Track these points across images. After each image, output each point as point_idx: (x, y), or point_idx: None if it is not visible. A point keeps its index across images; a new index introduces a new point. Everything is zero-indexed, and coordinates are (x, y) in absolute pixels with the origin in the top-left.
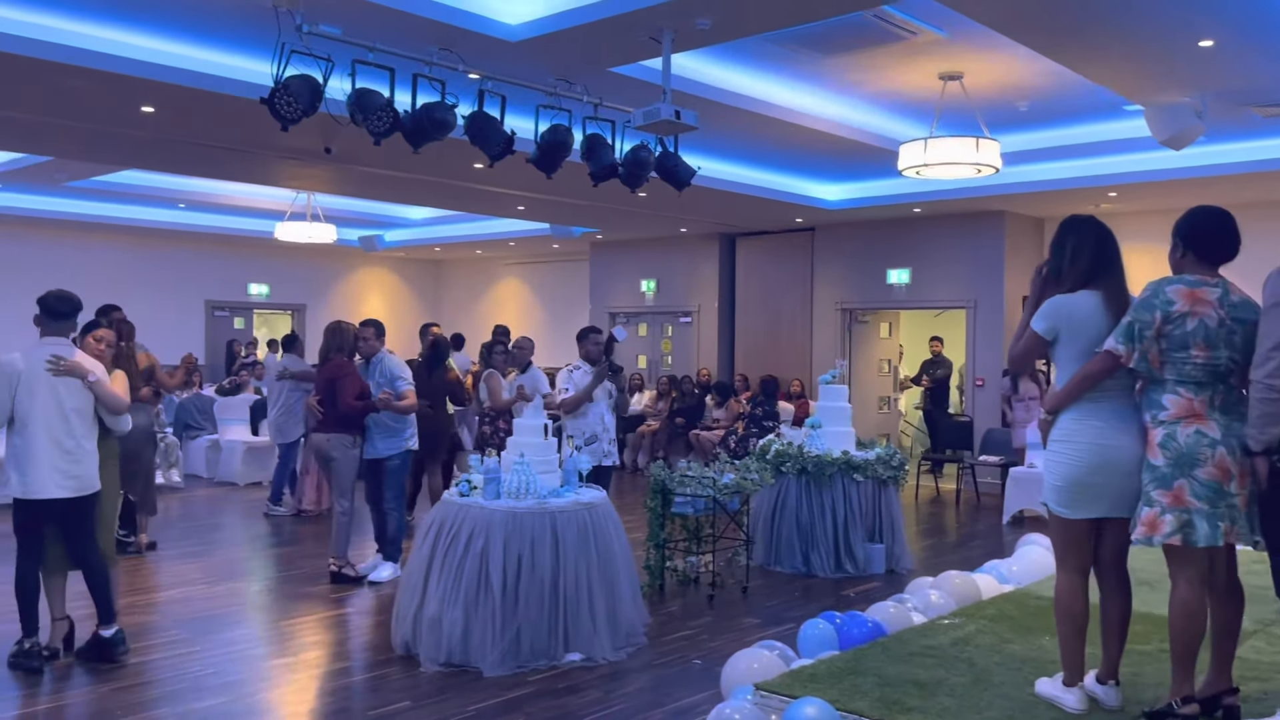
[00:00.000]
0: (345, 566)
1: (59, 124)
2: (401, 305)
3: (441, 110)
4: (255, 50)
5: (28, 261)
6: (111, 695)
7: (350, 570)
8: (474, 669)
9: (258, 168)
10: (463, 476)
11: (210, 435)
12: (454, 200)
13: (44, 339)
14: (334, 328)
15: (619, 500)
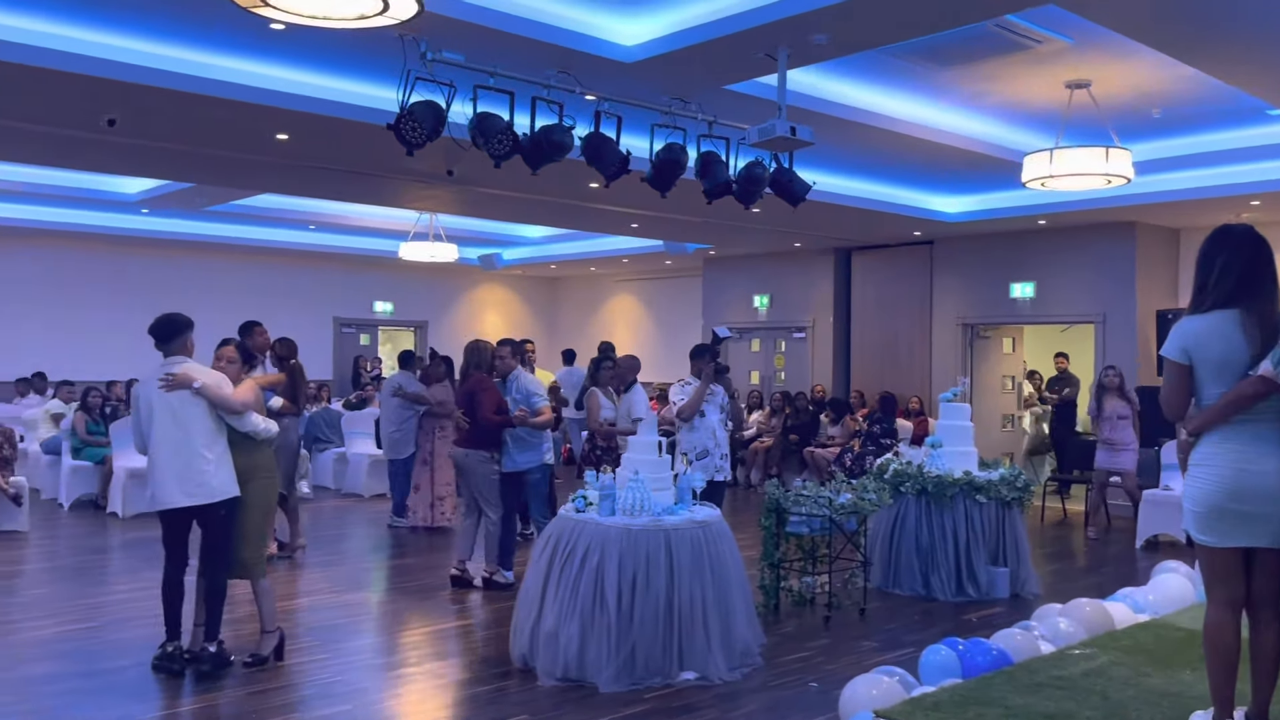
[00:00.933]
0: (495, 574)
1: (201, 152)
2: (518, 322)
3: (559, 132)
4: (382, 78)
5: (172, 281)
6: (245, 699)
7: (500, 578)
8: (590, 684)
9: (383, 190)
10: (578, 492)
11: (337, 448)
12: (570, 219)
13: (163, 361)
14: (473, 346)
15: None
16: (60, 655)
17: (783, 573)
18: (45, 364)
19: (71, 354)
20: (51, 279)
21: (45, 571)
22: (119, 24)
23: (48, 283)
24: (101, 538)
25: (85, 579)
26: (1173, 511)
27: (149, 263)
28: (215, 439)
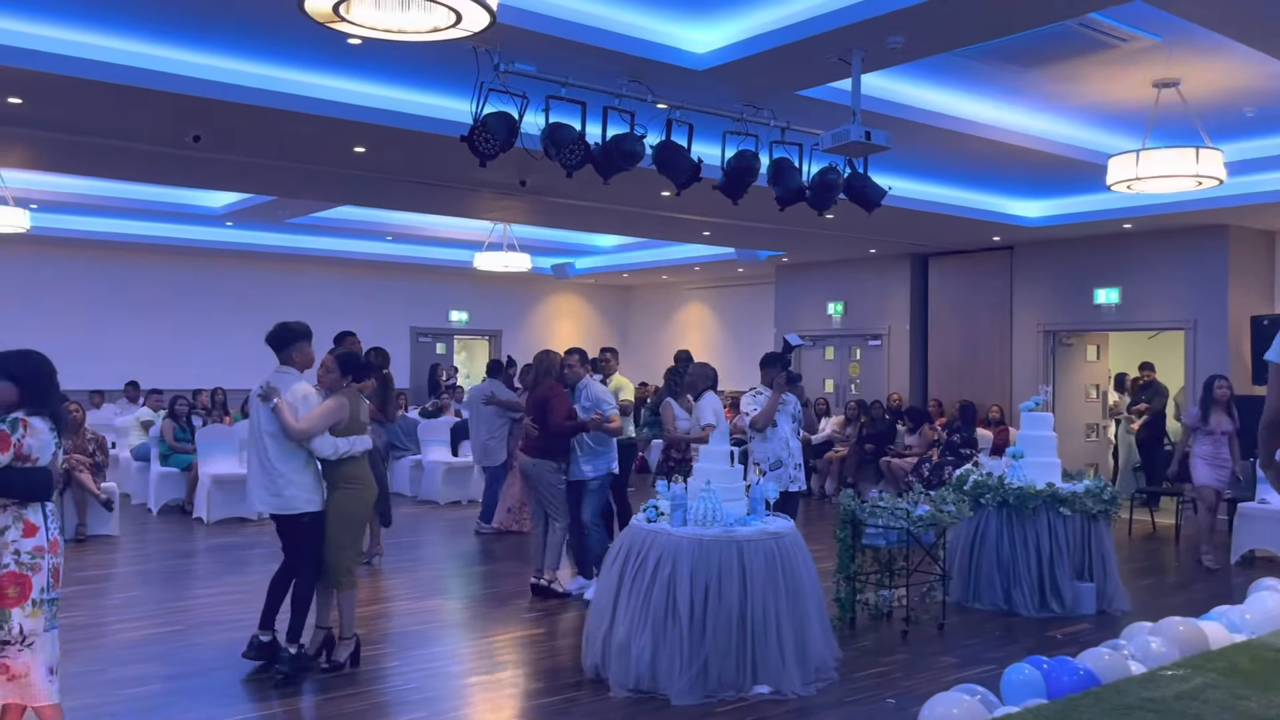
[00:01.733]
0: (554, 582)
1: (281, 166)
2: (591, 330)
3: (630, 141)
4: (456, 90)
5: (254, 292)
6: (323, 705)
7: (558, 586)
8: (661, 696)
9: (458, 201)
10: (649, 502)
11: (414, 456)
12: (641, 227)
13: (275, 368)
14: (542, 355)
15: (806, 528)
16: (147, 658)
17: (858, 585)
18: (137, 373)
19: (160, 363)
20: (142, 290)
21: (135, 575)
22: (204, 43)
23: (139, 294)
24: (188, 542)
25: (172, 583)
26: (1270, 526)
27: (233, 274)
28: (292, 453)
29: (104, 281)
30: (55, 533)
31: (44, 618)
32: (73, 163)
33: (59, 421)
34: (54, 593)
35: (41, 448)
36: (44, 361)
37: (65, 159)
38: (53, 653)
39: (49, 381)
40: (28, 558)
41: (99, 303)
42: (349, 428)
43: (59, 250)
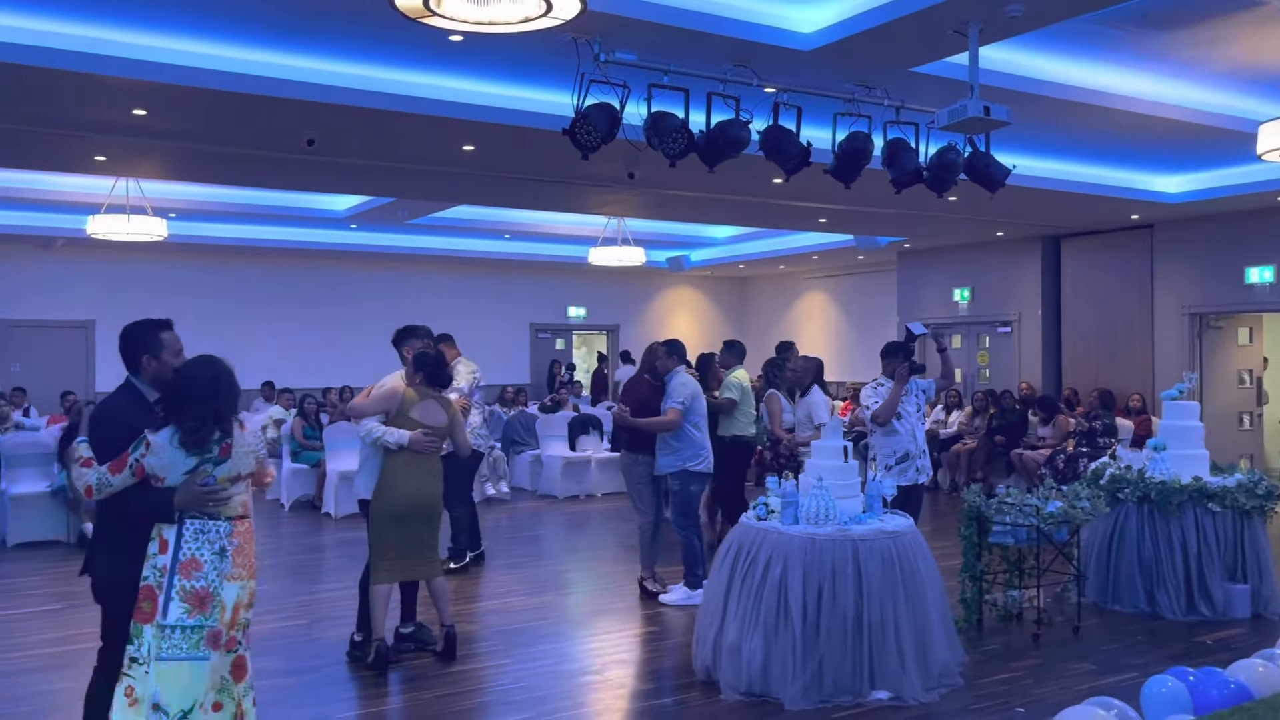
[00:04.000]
0: (648, 580)
1: (395, 167)
2: (708, 323)
3: (735, 127)
4: (558, 83)
5: (378, 292)
6: (433, 703)
7: (652, 585)
8: (775, 700)
9: (569, 197)
10: (760, 499)
11: (533, 450)
12: (755, 217)
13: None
14: (648, 349)
15: (932, 524)
16: (271, 651)
17: (985, 585)
18: (270, 373)
19: (290, 363)
20: (271, 293)
21: (267, 569)
22: (313, 49)
23: (268, 296)
24: (317, 537)
25: (300, 577)
26: None
27: (357, 275)
28: (363, 445)
29: (236, 285)
30: (198, 553)
31: (159, 645)
32: (201, 171)
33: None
34: (192, 619)
35: (165, 466)
36: (192, 371)
37: (193, 168)
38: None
39: (188, 392)
40: (155, 574)
41: (232, 306)
42: (395, 420)
43: (194, 256)
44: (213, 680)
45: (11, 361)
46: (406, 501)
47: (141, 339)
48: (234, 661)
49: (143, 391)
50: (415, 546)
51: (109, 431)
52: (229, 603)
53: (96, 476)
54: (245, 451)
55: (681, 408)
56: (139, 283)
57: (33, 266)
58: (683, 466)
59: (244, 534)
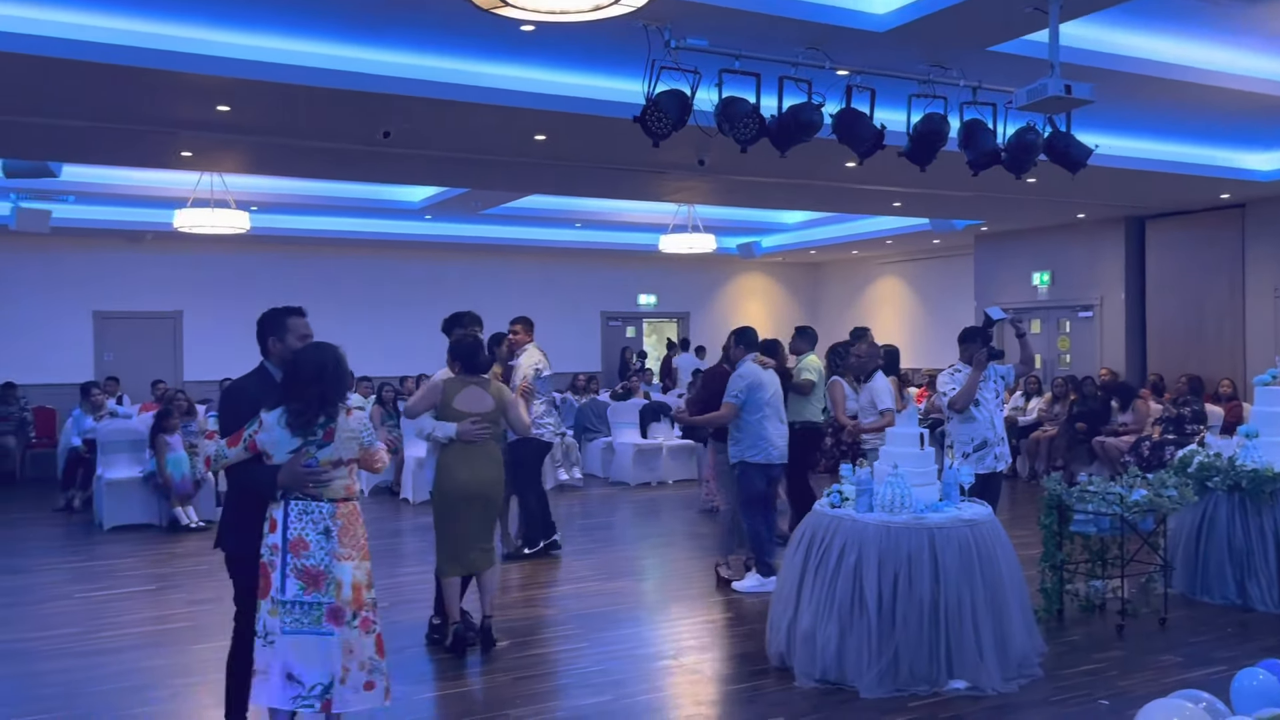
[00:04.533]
0: (722, 566)
1: (471, 158)
2: (780, 309)
3: (808, 111)
4: (629, 71)
5: (452, 282)
6: (511, 684)
7: (725, 572)
8: (850, 688)
9: (640, 184)
10: (834, 487)
11: (605, 438)
12: (827, 201)
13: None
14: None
15: (1010, 513)
16: None
17: (1067, 575)
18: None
19: (367, 351)
20: (350, 283)
21: None
22: (387, 41)
23: (346, 286)
24: (395, 522)
25: (379, 561)
26: None
27: (432, 265)
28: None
29: (315, 275)
30: (304, 533)
31: (281, 619)
32: (281, 164)
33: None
34: (308, 595)
35: (273, 444)
36: (302, 356)
37: (274, 161)
38: (300, 658)
39: (296, 376)
40: (268, 552)
41: (311, 296)
42: (441, 413)
43: (275, 248)
44: (343, 657)
45: (105, 351)
46: (463, 491)
47: (270, 322)
48: (375, 641)
49: (271, 373)
50: (473, 539)
51: (234, 408)
52: (345, 581)
53: (215, 448)
54: (349, 437)
55: (735, 402)
56: (224, 274)
57: (124, 260)
58: (741, 457)
59: (348, 515)
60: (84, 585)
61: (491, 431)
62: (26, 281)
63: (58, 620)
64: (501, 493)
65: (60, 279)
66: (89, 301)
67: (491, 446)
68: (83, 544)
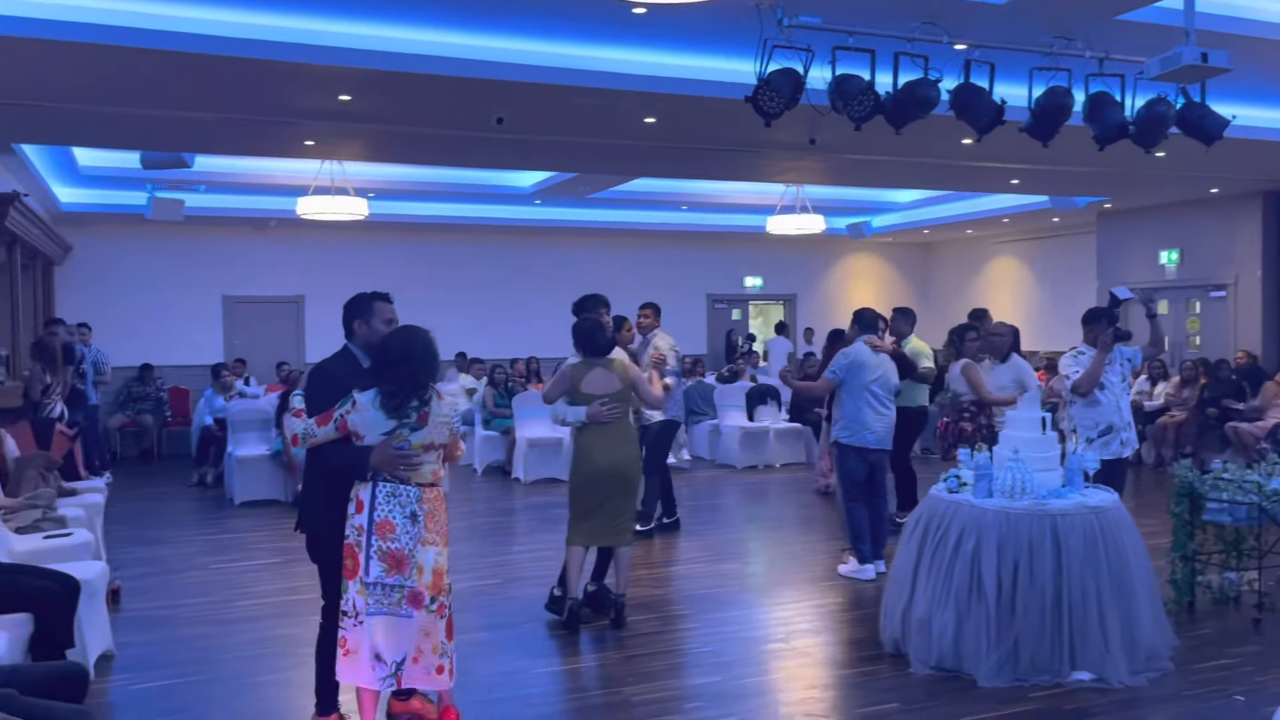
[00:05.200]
0: (845, 551)
1: (580, 143)
2: (890, 291)
3: (924, 87)
4: (740, 51)
5: (560, 264)
6: (622, 661)
7: (842, 561)
8: (967, 676)
9: (748, 165)
10: (950, 471)
11: (711, 420)
12: (941, 179)
13: None
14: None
15: (1136, 500)
16: (469, 609)
17: (1199, 566)
18: (463, 344)
19: (481, 334)
20: (463, 267)
21: (462, 530)
22: (502, 27)
23: (460, 270)
24: (508, 501)
25: (493, 538)
26: None
27: (541, 249)
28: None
29: (429, 260)
30: (391, 515)
31: (370, 600)
32: (398, 152)
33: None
34: (391, 578)
35: (366, 425)
36: (391, 338)
37: (392, 149)
38: (384, 639)
39: (388, 358)
40: (354, 533)
41: (426, 280)
42: (573, 398)
43: (391, 233)
44: (419, 639)
45: (233, 334)
46: (600, 472)
47: (356, 306)
48: (447, 625)
49: (357, 355)
50: (609, 514)
51: (322, 387)
52: (427, 566)
53: (304, 426)
54: (440, 422)
55: (832, 378)
56: (343, 259)
57: (249, 246)
58: (836, 439)
59: (434, 501)
60: (217, 557)
61: (621, 411)
62: (161, 268)
63: (195, 589)
64: (639, 470)
65: (192, 265)
66: (218, 286)
67: (625, 425)
68: (215, 518)
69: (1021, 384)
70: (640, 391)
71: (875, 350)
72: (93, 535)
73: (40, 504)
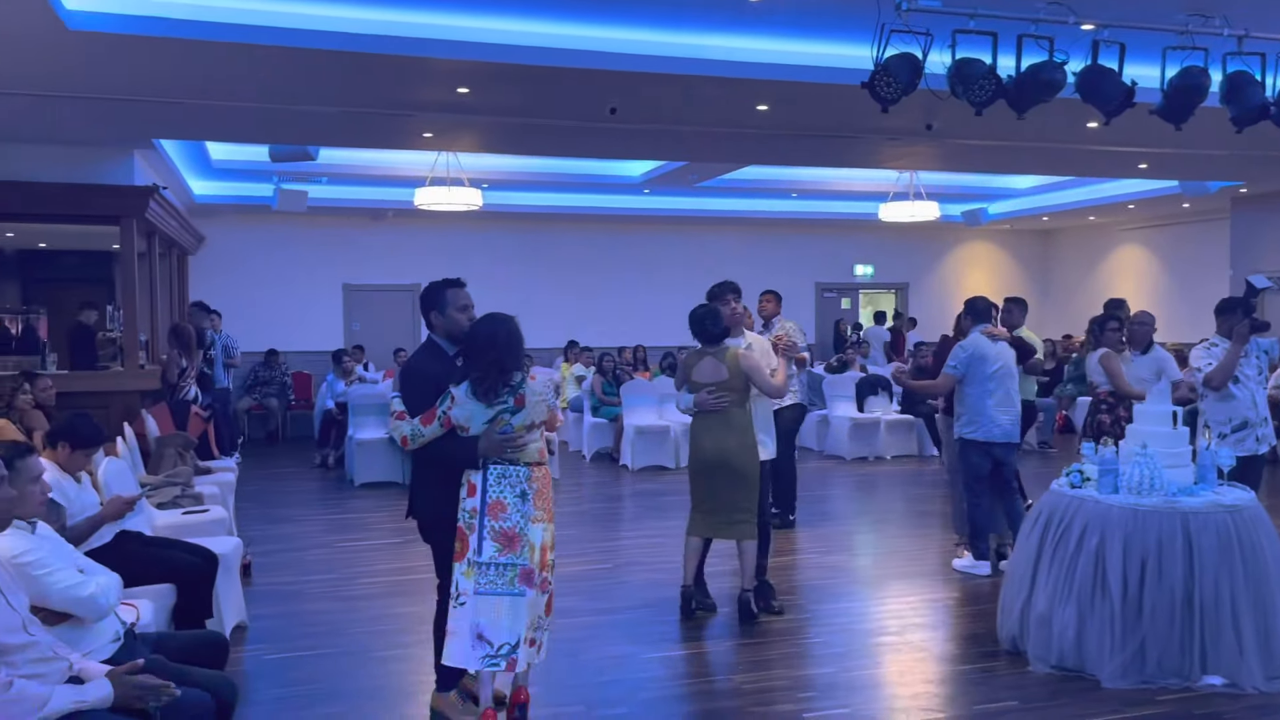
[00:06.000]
0: (959, 545)
1: (692, 131)
2: (1006, 280)
3: (1049, 69)
4: (856, 37)
5: (668, 254)
6: (734, 649)
7: (959, 554)
8: (1089, 677)
9: (861, 152)
10: (1074, 466)
11: (820, 411)
12: (1064, 164)
13: None
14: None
15: (1271, 500)
16: (580, 592)
17: None
18: (572, 332)
19: (590, 322)
20: (573, 256)
21: (572, 515)
22: (616, 17)
23: (570, 260)
24: (615, 487)
25: (602, 524)
26: None
27: (649, 238)
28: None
29: (540, 250)
30: (502, 495)
31: (476, 580)
32: (513, 143)
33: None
34: (504, 556)
35: (468, 417)
36: (477, 327)
37: (506, 140)
38: (490, 619)
39: (472, 346)
40: (466, 516)
41: (537, 269)
42: (689, 387)
43: (503, 223)
44: (531, 618)
45: (353, 321)
46: (706, 461)
47: (430, 297)
48: (548, 601)
49: (442, 346)
50: (719, 505)
51: (416, 386)
52: (537, 543)
53: (410, 428)
54: (538, 401)
55: (953, 373)
56: (457, 249)
57: (368, 236)
58: (960, 434)
59: (541, 479)
60: (340, 535)
61: (730, 400)
62: (285, 257)
63: (320, 566)
64: (748, 461)
65: (314, 254)
66: (338, 275)
67: (734, 414)
68: (336, 498)
69: (1163, 376)
70: (756, 381)
71: (993, 339)
72: (227, 512)
73: (179, 481)
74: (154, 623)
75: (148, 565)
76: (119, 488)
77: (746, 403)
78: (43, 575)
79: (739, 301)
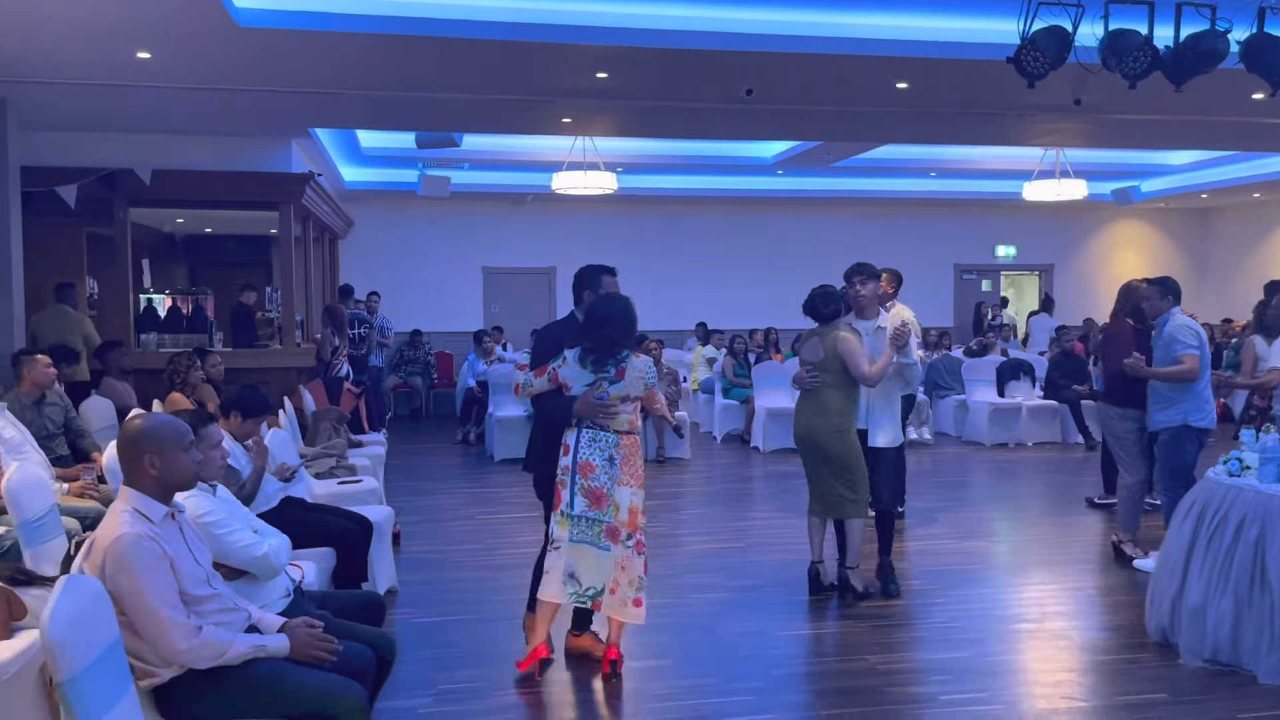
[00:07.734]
0: (1127, 543)
1: (828, 111)
2: (1160, 261)
3: (1211, 39)
4: (1001, 10)
5: (801, 234)
6: (868, 631)
7: (1131, 550)
8: (1245, 672)
9: (1004, 129)
10: (1232, 454)
11: (958, 395)
12: (1224, 139)
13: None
14: (1124, 288)
15: None
16: (712, 569)
17: None
18: (703, 314)
19: (722, 304)
20: (705, 238)
21: (702, 495)
22: None
23: (702, 242)
24: (746, 468)
25: (733, 504)
26: None
27: (782, 220)
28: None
29: (673, 232)
30: (591, 457)
31: (569, 530)
32: (648, 126)
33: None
34: (592, 512)
35: (573, 377)
36: (596, 304)
37: (642, 123)
38: (580, 564)
39: (592, 320)
40: (561, 473)
41: (669, 251)
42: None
43: (637, 206)
44: (615, 572)
45: (492, 303)
46: (798, 437)
47: (587, 276)
48: (644, 562)
49: (579, 319)
50: (819, 484)
51: (544, 345)
52: (623, 505)
53: (525, 377)
54: (636, 377)
55: (1199, 353)
56: (591, 232)
57: (507, 220)
58: (1184, 421)
59: (629, 447)
60: (480, 508)
61: (824, 380)
62: (430, 241)
63: (463, 536)
64: (832, 441)
65: (456, 238)
66: (478, 258)
67: (826, 395)
68: (477, 472)
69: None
70: (851, 366)
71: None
72: (378, 483)
73: (334, 453)
74: (316, 583)
75: (309, 530)
76: (283, 456)
77: (844, 385)
78: (224, 534)
79: (866, 284)
